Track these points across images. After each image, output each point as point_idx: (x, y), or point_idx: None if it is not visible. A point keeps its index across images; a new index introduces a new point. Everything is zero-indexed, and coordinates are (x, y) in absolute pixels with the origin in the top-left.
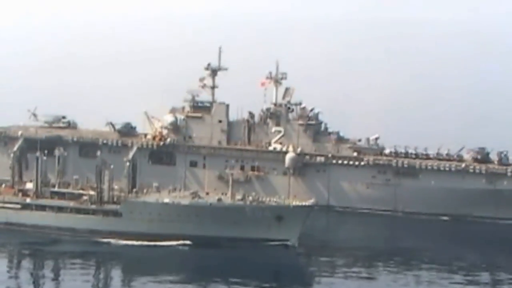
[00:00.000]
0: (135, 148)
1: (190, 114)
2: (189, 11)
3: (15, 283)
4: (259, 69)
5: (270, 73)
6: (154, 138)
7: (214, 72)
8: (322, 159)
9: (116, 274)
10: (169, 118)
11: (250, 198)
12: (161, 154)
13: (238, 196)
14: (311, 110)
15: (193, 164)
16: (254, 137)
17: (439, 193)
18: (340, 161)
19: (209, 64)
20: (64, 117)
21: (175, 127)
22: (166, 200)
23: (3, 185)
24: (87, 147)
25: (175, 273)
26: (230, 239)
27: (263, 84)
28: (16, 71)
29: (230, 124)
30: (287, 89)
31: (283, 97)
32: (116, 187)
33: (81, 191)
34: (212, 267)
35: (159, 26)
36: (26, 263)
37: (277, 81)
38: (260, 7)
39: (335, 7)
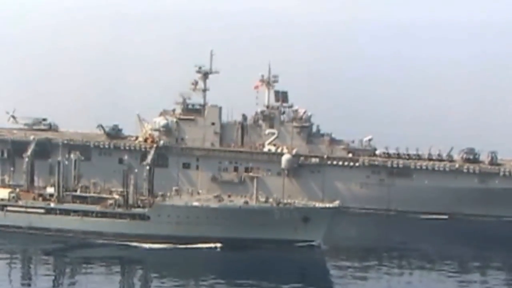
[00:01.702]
0: (152, 152)
1: (182, 117)
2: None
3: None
4: (248, 72)
5: (262, 76)
6: (145, 140)
7: (205, 75)
8: (317, 160)
9: (146, 278)
10: (161, 121)
11: (271, 199)
12: (153, 156)
13: (262, 198)
14: (304, 112)
15: (186, 166)
16: (246, 139)
17: (432, 192)
18: (335, 162)
19: (200, 67)
20: (44, 119)
21: (167, 129)
22: (196, 204)
23: (17, 190)
24: (76, 150)
25: (203, 275)
26: (257, 240)
27: (256, 87)
28: None
29: (223, 126)
30: (280, 93)
31: (276, 100)
32: (113, 189)
33: (104, 195)
34: (240, 269)
35: (147, 27)
36: (53, 267)
37: (269, 84)
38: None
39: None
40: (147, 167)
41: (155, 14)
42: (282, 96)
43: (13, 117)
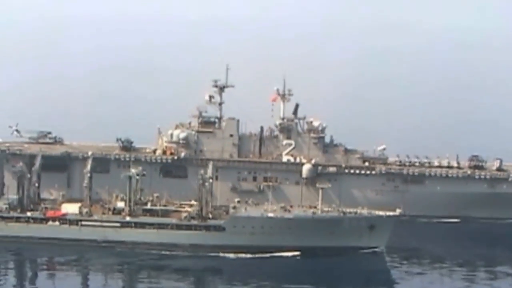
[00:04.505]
0: (211, 165)
1: (200, 129)
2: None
3: None
4: (259, 85)
5: (278, 89)
6: (164, 152)
7: (221, 89)
8: (335, 169)
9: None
10: (181, 133)
11: (331, 208)
12: (171, 167)
13: (325, 208)
14: (320, 123)
15: None
16: (264, 150)
17: (443, 197)
18: (352, 171)
19: (216, 81)
20: (49, 133)
21: (186, 141)
22: (271, 215)
23: (80, 204)
24: (95, 163)
25: (279, 282)
26: (326, 248)
27: (274, 99)
28: None
29: (240, 138)
30: (296, 105)
31: (294, 113)
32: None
33: (173, 208)
34: (312, 276)
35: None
36: (131, 279)
37: (284, 97)
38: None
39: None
40: (210, 180)
41: (166, 22)
42: (296, 109)
43: (17, 131)
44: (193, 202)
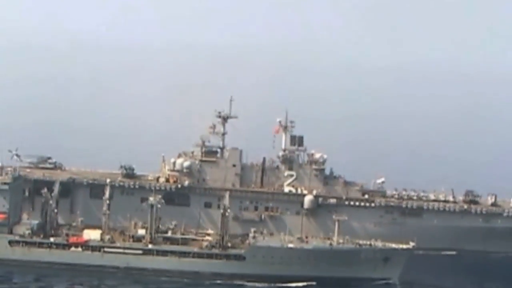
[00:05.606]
0: (227, 196)
1: (204, 158)
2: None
3: None
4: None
5: (280, 121)
6: (167, 180)
7: (225, 120)
8: (335, 200)
9: None
10: (185, 162)
11: (343, 240)
12: (174, 195)
13: (340, 240)
14: (321, 156)
15: (208, 205)
16: (265, 180)
17: (440, 230)
18: (352, 203)
19: (220, 112)
20: (49, 158)
21: (190, 170)
22: (291, 245)
23: (102, 231)
24: (97, 189)
25: None
26: (342, 279)
27: (277, 131)
28: None
29: (243, 168)
30: (296, 137)
31: (292, 144)
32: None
33: (192, 236)
34: None
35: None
36: None
37: (286, 129)
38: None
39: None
40: (228, 210)
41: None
42: (298, 141)
43: (17, 155)
44: (209, 231)
